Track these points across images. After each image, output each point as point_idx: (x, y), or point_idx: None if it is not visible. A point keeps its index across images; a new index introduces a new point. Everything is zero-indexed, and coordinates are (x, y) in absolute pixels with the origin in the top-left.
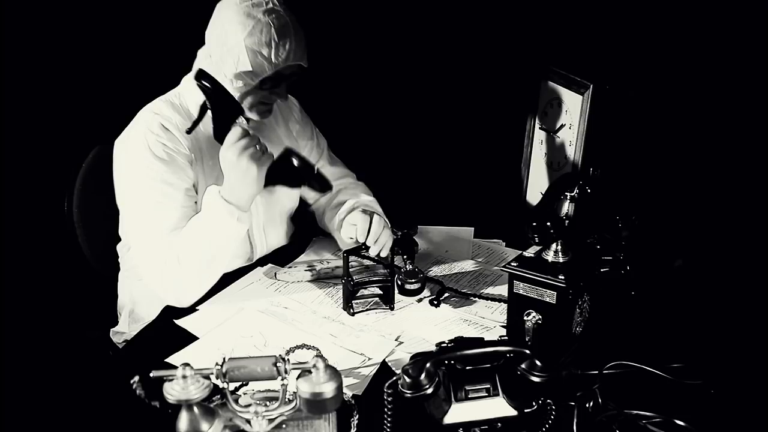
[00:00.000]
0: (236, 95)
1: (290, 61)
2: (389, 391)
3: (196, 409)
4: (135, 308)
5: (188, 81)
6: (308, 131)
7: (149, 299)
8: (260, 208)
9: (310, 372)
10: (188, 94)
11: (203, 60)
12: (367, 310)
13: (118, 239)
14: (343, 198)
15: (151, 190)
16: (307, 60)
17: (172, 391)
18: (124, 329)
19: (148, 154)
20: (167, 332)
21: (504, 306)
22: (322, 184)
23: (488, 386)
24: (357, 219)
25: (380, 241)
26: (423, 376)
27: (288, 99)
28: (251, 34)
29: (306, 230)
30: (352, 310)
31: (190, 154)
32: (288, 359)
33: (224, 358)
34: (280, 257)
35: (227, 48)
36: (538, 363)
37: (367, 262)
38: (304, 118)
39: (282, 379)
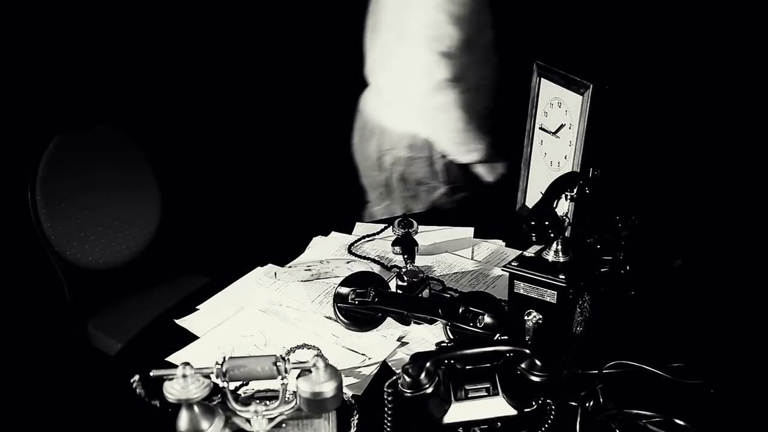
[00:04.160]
0: None
1: None
2: (389, 391)
3: (196, 408)
4: None
5: None
6: None
7: None
8: None
9: (310, 371)
10: None
11: None
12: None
13: (84, 228)
14: None
15: None
16: None
17: (172, 390)
18: None
19: None
20: (167, 331)
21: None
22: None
23: (488, 386)
24: None
25: None
26: (423, 375)
27: None
28: None
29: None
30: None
31: None
32: (288, 358)
33: (224, 357)
34: (280, 257)
35: None
36: (537, 363)
37: (366, 261)
38: None
39: (282, 379)
